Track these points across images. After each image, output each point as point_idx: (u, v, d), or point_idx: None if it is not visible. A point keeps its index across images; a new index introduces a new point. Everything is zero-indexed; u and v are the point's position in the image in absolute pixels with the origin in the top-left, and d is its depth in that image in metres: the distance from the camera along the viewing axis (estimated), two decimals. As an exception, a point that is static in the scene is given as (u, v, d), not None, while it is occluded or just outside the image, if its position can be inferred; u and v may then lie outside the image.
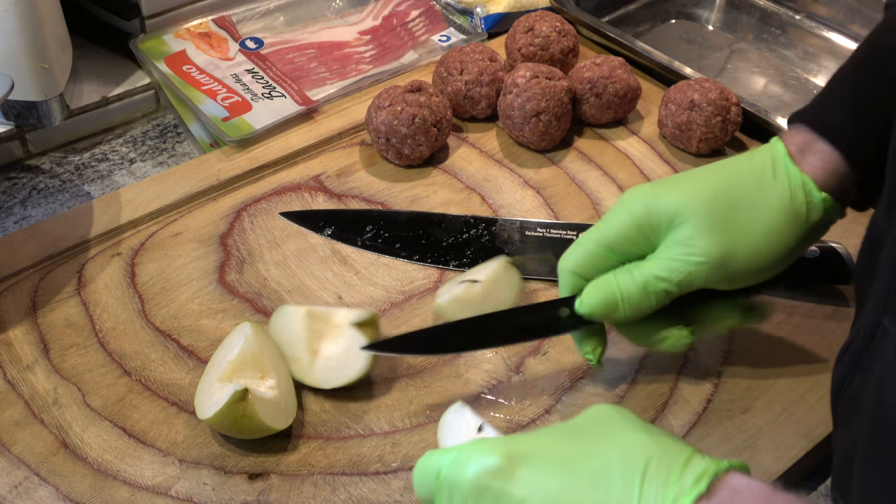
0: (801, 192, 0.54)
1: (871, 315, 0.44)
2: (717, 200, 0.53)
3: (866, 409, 0.42)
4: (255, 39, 0.94)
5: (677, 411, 0.62)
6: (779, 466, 0.59)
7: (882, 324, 0.42)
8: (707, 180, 0.55)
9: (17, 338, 0.66)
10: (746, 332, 0.67)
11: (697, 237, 0.53)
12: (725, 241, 0.53)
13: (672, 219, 0.54)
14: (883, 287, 0.43)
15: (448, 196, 0.79)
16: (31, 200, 0.81)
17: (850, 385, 0.46)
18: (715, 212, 0.53)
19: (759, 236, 0.53)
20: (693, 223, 0.53)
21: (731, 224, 0.53)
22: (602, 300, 0.54)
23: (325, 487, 0.57)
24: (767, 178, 0.54)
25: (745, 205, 0.53)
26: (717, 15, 1.08)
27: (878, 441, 0.40)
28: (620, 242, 0.55)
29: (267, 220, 0.76)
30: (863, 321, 0.46)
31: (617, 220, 0.55)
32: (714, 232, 0.53)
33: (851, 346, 0.47)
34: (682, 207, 0.53)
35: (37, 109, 0.75)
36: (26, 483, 0.57)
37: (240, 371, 0.59)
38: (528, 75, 0.81)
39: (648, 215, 0.54)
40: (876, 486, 0.40)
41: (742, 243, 0.53)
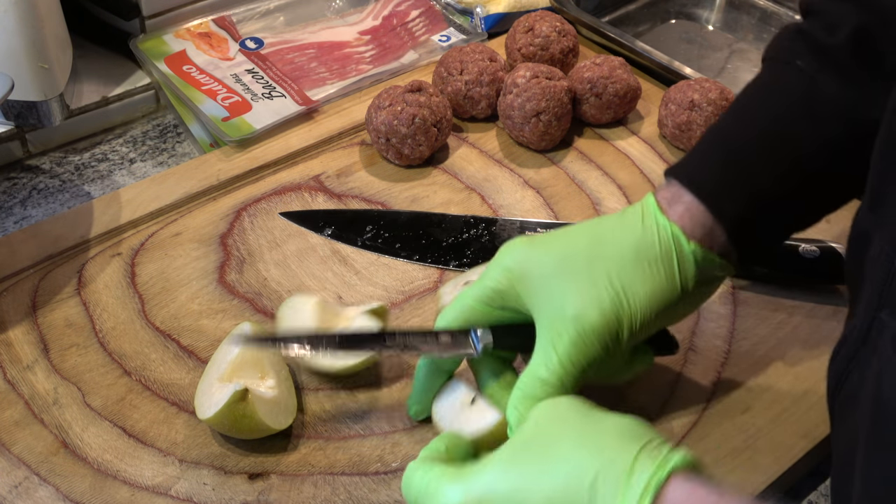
0: (668, 237, 0.53)
1: (865, 311, 0.44)
2: (592, 260, 0.52)
3: (865, 403, 0.42)
4: (255, 39, 0.94)
5: (677, 411, 0.62)
6: (779, 466, 0.59)
7: (878, 318, 0.43)
8: (577, 240, 0.54)
9: (17, 338, 0.66)
10: (746, 332, 0.68)
11: (588, 312, 0.51)
12: (612, 296, 0.51)
13: (546, 282, 0.53)
14: (876, 283, 0.43)
15: (448, 196, 0.79)
16: (31, 200, 0.81)
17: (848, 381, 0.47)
18: (592, 270, 0.52)
19: (638, 287, 0.52)
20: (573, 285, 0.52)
21: (609, 279, 0.52)
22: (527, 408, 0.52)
23: (325, 487, 0.57)
24: (636, 230, 0.53)
25: (616, 259, 0.52)
26: (717, 15, 1.08)
27: (878, 434, 0.40)
28: (497, 298, 0.54)
29: (267, 220, 0.76)
30: (857, 317, 0.46)
31: (494, 277, 0.54)
32: (596, 290, 0.51)
33: (847, 342, 0.47)
34: (556, 271, 0.52)
35: (37, 109, 0.75)
36: (26, 483, 0.57)
37: (240, 371, 0.59)
38: (528, 75, 0.81)
39: (522, 278, 0.53)
40: (878, 479, 0.40)
41: (626, 294, 0.52)
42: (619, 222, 0.54)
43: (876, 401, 0.40)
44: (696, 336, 0.67)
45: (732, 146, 0.55)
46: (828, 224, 0.76)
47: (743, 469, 0.59)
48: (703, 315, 0.69)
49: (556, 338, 0.51)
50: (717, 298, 0.70)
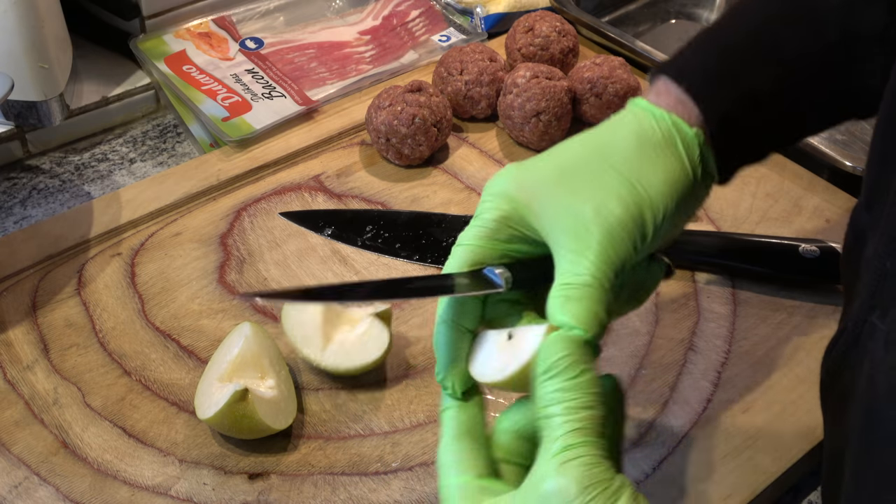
0: (667, 123, 0.49)
1: (857, 311, 0.44)
2: (590, 159, 0.48)
3: (857, 404, 0.42)
4: (255, 39, 0.94)
5: (677, 411, 0.62)
6: (779, 466, 0.59)
7: (870, 320, 0.42)
8: (571, 145, 0.49)
9: (17, 338, 0.66)
10: (746, 332, 0.68)
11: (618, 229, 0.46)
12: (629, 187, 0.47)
13: (552, 192, 0.47)
14: (869, 284, 0.43)
15: (448, 196, 0.79)
16: (31, 200, 0.81)
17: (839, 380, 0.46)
18: (596, 168, 0.47)
19: (650, 174, 0.47)
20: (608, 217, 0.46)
21: (606, 175, 0.47)
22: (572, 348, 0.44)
23: (325, 487, 0.57)
24: (628, 121, 0.49)
25: (618, 151, 0.48)
26: (716, 15, 1.08)
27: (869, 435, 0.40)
28: (500, 229, 0.48)
29: (267, 220, 0.76)
30: (850, 317, 0.45)
31: (491, 206, 0.48)
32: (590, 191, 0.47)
33: (839, 342, 0.47)
34: (560, 176, 0.47)
35: (37, 109, 0.75)
36: (26, 483, 0.57)
37: (240, 371, 0.59)
38: (528, 75, 0.81)
39: (522, 193, 0.48)
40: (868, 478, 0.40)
41: (641, 182, 0.47)
42: (609, 124, 0.50)
43: (867, 402, 0.40)
44: (696, 336, 0.67)
45: (724, 44, 0.52)
46: (828, 224, 0.76)
47: (743, 469, 0.59)
48: (703, 315, 0.69)
49: (581, 242, 0.45)
50: (717, 298, 0.70)
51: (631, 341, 0.67)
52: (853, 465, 0.41)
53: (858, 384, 0.42)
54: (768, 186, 0.80)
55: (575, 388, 0.41)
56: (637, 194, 0.46)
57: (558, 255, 0.46)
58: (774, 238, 0.72)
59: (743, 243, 0.72)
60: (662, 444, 0.60)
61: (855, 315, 0.44)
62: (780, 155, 0.82)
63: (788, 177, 0.81)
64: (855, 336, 0.44)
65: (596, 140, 0.49)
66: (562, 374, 0.41)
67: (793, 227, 0.76)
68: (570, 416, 0.41)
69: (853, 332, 0.44)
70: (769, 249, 0.71)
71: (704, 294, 0.70)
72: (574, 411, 0.41)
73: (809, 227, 0.76)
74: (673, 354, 0.66)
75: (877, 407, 0.39)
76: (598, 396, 0.42)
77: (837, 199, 0.78)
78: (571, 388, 0.41)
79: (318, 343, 0.62)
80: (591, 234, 0.45)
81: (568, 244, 0.46)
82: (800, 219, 0.77)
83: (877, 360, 0.40)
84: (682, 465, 0.59)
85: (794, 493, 0.62)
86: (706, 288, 0.71)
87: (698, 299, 0.70)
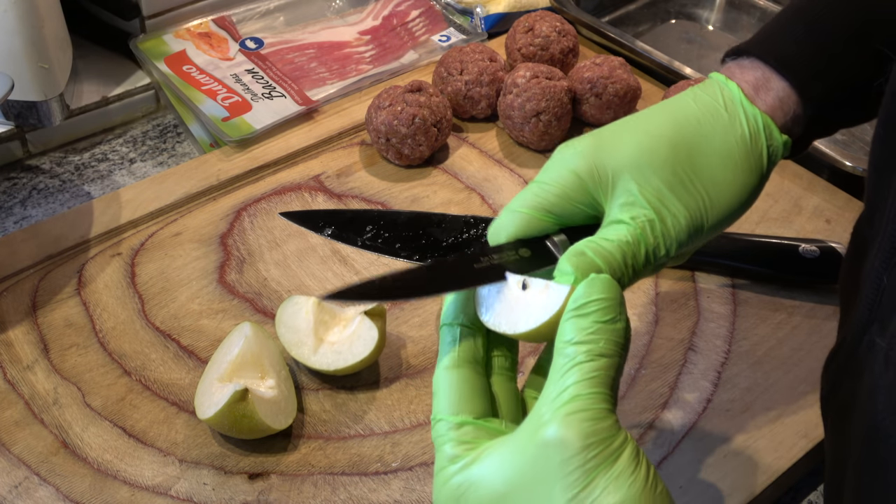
0: (761, 135, 0.47)
1: (857, 324, 0.43)
2: (678, 150, 0.46)
3: (859, 417, 0.41)
4: (255, 39, 0.94)
5: (677, 411, 0.62)
6: (779, 466, 0.59)
7: (869, 333, 0.42)
8: (657, 128, 0.48)
9: (17, 338, 0.66)
10: (746, 332, 0.67)
11: (669, 196, 0.45)
12: (695, 199, 0.46)
13: (625, 175, 0.46)
14: (868, 297, 0.42)
15: (448, 196, 0.79)
16: (31, 200, 0.81)
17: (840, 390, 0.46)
18: (678, 165, 0.46)
19: (726, 190, 0.47)
20: (660, 178, 0.46)
21: (697, 179, 0.46)
22: (584, 269, 0.43)
23: (325, 487, 0.57)
24: (724, 122, 0.47)
25: (706, 154, 0.47)
26: (717, 15, 1.08)
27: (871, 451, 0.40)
28: (561, 204, 0.46)
29: (267, 220, 0.76)
30: (849, 329, 0.45)
31: (557, 179, 0.46)
32: (684, 190, 0.46)
33: (839, 353, 0.46)
34: (638, 162, 0.46)
35: (37, 109, 0.75)
36: (26, 483, 0.57)
37: (240, 371, 0.59)
38: (528, 75, 0.81)
39: (595, 173, 0.46)
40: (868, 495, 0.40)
41: (711, 197, 0.47)
42: (699, 110, 0.48)
43: (869, 417, 0.40)
44: (696, 336, 0.67)
45: (815, 25, 0.49)
46: (828, 224, 0.76)
47: (743, 469, 0.59)
48: (703, 315, 0.69)
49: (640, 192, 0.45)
50: (717, 298, 0.70)
51: (631, 341, 0.67)
52: (855, 479, 0.41)
53: (859, 397, 0.42)
54: (768, 186, 0.79)
55: (604, 332, 0.40)
56: (703, 207, 0.46)
57: (606, 222, 0.46)
58: (774, 238, 0.72)
59: (743, 243, 0.72)
60: (662, 444, 0.60)
61: (854, 328, 0.44)
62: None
63: (788, 177, 0.81)
64: (854, 348, 0.43)
65: (683, 128, 0.47)
66: (594, 314, 0.40)
67: (793, 227, 0.76)
68: (589, 362, 0.39)
69: (852, 344, 0.44)
70: (769, 249, 0.71)
71: (704, 294, 0.70)
72: (594, 356, 0.39)
73: (809, 227, 0.76)
74: (673, 354, 0.66)
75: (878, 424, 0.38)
76: (623, 349, 0.40)
77: (837, 199, 0.78)
78: (600, 332, 0.40)
79: (311, 345, 0.62)
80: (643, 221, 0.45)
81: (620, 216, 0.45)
82: (800, 219, 0.77)
83: (876, 375, 0.40)
84: (682, 465, 0.59)
85: (793, 493, 0.62)
86: (706, 288, 0.71)
87: (698, 299, 0.70)
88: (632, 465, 0.38)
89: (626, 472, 0.38)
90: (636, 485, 0.38)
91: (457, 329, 0.45)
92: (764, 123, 0.48)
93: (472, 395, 0.43)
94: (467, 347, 0.45)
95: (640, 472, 0.38)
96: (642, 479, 0.38)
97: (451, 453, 0.41)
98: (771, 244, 0.71)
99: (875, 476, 0.39)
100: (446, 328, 0.46)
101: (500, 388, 0.46)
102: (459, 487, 0.40)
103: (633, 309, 0.69)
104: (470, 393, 0.43)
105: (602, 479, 0.38)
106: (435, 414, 0.43)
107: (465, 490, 0.40)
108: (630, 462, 0.38)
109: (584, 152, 0.46)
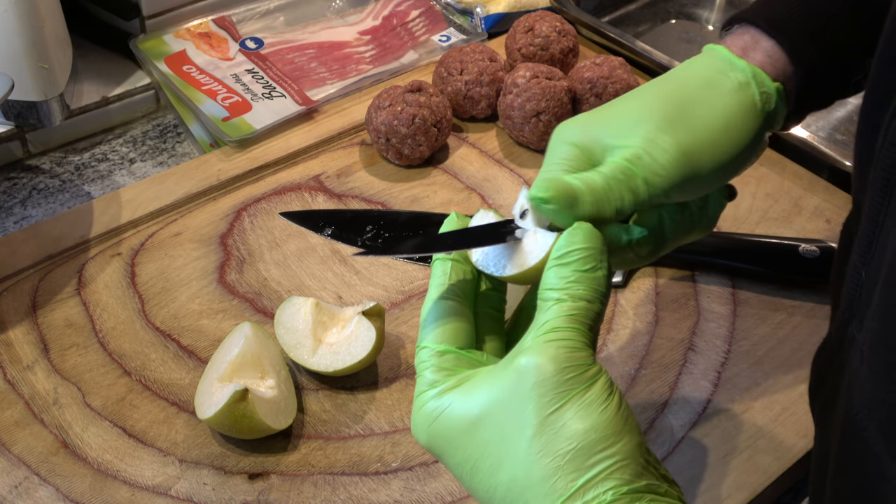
0: (752, 82, 0.49)
1: (839, 320, 0.44)
2: (668, 102, 0.48)
3: (838, 412, 0.42)
4: (255, 39, 0.94)
5: (677, 411, 0.62)
6: (779, 466, 0.59)
7: (849, 329, 0.42)
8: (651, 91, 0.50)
9: (17, 338, 0.66)
10: (746, 332, 0.68)
11: (657, 134, 0.46)
12: (686, 135, 0.47)
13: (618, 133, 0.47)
14: (848, 292, 0.42)
15: (448, 196, 0.79)
16: (31, 200, 0.81)
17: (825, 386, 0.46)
18: (667, 112, 0.47)
19: (719, 130, 0.48)
20: (649, 124, 0.47)
21: (688, 120, 0.47)
22: (560, 189, 0.44)
23: (325, 487, 0.57)
24: (714, 75, 0.49)
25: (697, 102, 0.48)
26: (717, 15, 1.08)
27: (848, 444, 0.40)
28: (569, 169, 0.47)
29: (267, 220, 0.76)
30: (834, 324, 0.45)
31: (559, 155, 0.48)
32: (673, 128, 0.47)
33: (824, 349, 0.47)
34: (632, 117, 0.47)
35: (37, 109, 0.75)
36: (26, 483, 0.57)
37: (240, 371, 0.59)
38: (528, 75, 0.81)
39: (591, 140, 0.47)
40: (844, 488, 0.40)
41: (703, 137, 0.47)
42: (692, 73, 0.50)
43: (847, 411, 0.40)
44: (696, 336, 0.67)
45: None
46: (828, 224, 0.76)
47: (743, 469, 0.59)
48: (703, 315, 0.69)
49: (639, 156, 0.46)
50: (717, 298, 0.70)
51: (631, 341, 0.67)
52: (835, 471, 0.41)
53: (841, 392, 0.42)
54: (768, 186, 0.80)
55: (584, 280, 0.41)
56: (696, 144, 0.47)
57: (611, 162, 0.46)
58: (774, 238, 0.72)
59: (743, 243, 0.72)
60: (662, 444, 0.60)
61: (837, 322, 0.44)
62: (780, 155, 0.82)
63: (788, 177, 0.81)
64: (838, 343, 0.44)
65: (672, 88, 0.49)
66: (576, 263, 0.41)
67: (793, 227, 0.76)
68: (568, 302, 0.40)
69: (836, 338, 0.44)
70: (769, 249, 0.71)
71: (704, 294, 0.70)
72: (574, 299, 0.40)
73: (809, 227, 0.76)
74: (673, 354, 0.66)
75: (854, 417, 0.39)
76: (602, 297, 0.41)
77: (837, 199, 0.78)
78: (580, 280, 0.41)
79: (309, 346, 0.62)
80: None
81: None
82: (800, 219, 0.77)
83: (854, 370, 0.40)
84: (682, 465, 0.59)
85: (793, 493, 0.62)
86: (706, 288, 0.71)
87: (698, 299, 0.70)
88: (604, 394, 0.39)
89: (599, 400, 0.39)
90: (607, 412, 0.39)
91: (448, 264, 0.46)
92: (753, 72, 0.49)
93: (458, 326, 0.44)
94: (457, 281, 0.46)
95: (612, 401, 0.39)
96: (614, 408, 0.39)
97: (431, 378, 0.42)
98: (771, 244, 0.72)
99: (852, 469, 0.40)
100: (438, 262, 0.47)
101: (485, 324, 0.47)
102: (435, 410, 0.41)
103: (634, 309, 0.69)
104: (455, 324, 0.44)
105: (574, 405, 0.38)
106: (419, 341, 0.44)
107: (441, 413, 0.41)
108: (603, 391, 0.39)
109: (580, 123, 0.48)
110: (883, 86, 0.40)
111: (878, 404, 0.37)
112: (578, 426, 0.38)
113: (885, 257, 0.37)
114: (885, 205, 0.38)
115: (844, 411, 0.40)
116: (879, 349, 0.37)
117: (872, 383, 0.37)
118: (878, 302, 0.37)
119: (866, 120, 0.43)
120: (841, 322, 0.43)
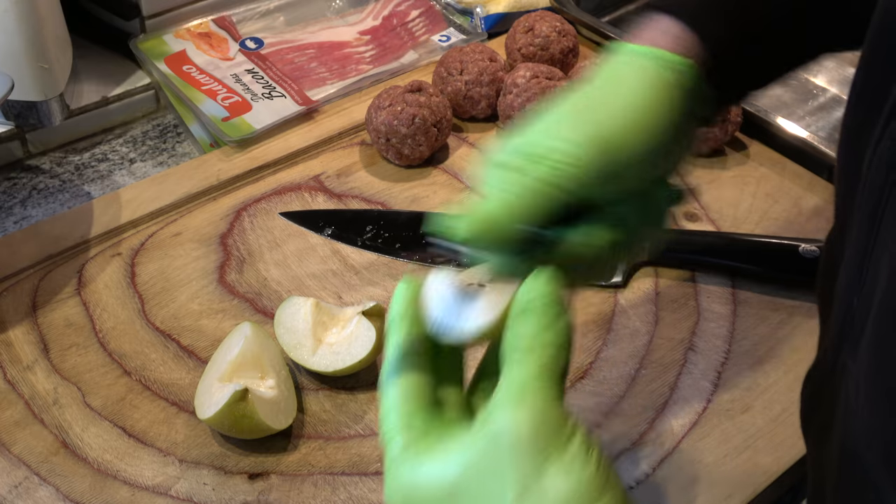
0: (656, 63, 0.47)
1: (831, 343, 0.43)
2: (577, 101, 0.46)
3: (836, 440, 0.41)
4: (255, 39, 0.94)
5: (677, 411, 0.62)
6: (779, 466, 0.59)
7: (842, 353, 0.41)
8: (562, 100, 0.48)
9: (17, 338, 0.66)
10: (746, 332, 0.68)
11: (569, 132, 0.45)
12: (596, 125, 0.45)
13: (539, 139, 0.46)
14: (838, 317, 0.42)
15: (448, 196, 0.79)
16: (31, 200, 0.81)
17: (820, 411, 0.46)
18: (576, 109, 0.46)
19: (629, 110, 0.46)
20: (561, 125, 0.45)
21: (596, 110, 0.46)
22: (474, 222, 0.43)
23: (325, 487, 0.57)
24: (619, 67, 0.48)
25: (604, 93, 0.47)
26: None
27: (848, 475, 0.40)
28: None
29: (267, 220, 0.76)
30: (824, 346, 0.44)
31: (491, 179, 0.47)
32: (583, 121, 0.45)
33: (817, 371, 0.46)
34: (547, 124, 0.46)
35: (37, 109, 0.75)
36: (26, 483, 0.57)
37: (240, 371, 0.59)
38: (528, 75, 0.81)
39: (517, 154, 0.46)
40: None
41: (615, 122, 0.45)
42: (597, 76, 0.48)
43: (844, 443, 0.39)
44: (696, 336, 0.67)
45: None
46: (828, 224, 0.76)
47: (743, 469, 0.59)
48: (703, 315, 0.69)
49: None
50: (717, 298, 0.70)
51: (631, 341, 0.67)
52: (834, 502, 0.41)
53: (836, 420, 0.42)
54: (768, 186, 0.80)
55: (548, 328, 0.40)
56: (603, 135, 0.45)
57: None
58: (774, 238, 0.72)
59: (743, 243, 0.72)
60: (662, 444, 0.60)
61: (828, 345, 0.43)
62: (780, 155, 0.82)
63: (788, 177, 0.81)
64: (831, 366, 0.43)
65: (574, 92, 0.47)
66: (539, 312, 0.40)
67: (793, 227, 0.76)
68: (535, 353, 0.39)
69: (829, 362, 0.43)
70: (769, 249, 0.71)
71: (704, 294, 0.70)
72: (539, 354, 0.39)
73: (809, 227, 0.76)
74: (673, 354, 0.66)
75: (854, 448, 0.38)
76: (568, 343, 0.40)
77: (837, 199, 0.78)
78: (544, 328, 0.40)
79: (309, 346, 0.62)
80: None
81: None
82: (800, 219, 0.77)
83: (848, 399, 0.39)
84: (682, 465, 0.59)
85: (793, 493, 0.62)
86: (706, 288, 0.71)
87: (698, 299, 0.70)
88: (583, 448, 0.38)
89: (578, 458, 0.37)
90: (589, 468, 0.37)
91: (405, 327, 0.44)
92: (654, 53, 0.47)
93: (421, 384, 0.43)
94: (413, 349, 0.44)
95: (591, 457, 0.38)
96: (594, 465, 0.37)
97: (403, 442, 0.41)
98: (771, 244, 0.71)
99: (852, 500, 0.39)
100: (394, 325, 0.44)
101: (447, 376, 0.45)
102: (411, 477, 0.39)
103: (634, 309, 0.69)
104: (419, 382, 0.43)
105: (554, 465, 0.37)
106: (384, 403, 0.42)
107: (416, 480, 0.39)
108: (581, 446, 0.38)
109: (504, 143, 0.47)
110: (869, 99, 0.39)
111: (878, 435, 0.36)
112: (562, 487, 0.37)
113: (876, 286, 0.36)
114: (873, 232, 0.37)
115: (841, 441, 0.40)
116: (876, 379, 0.36)
117: (870, 413, 0.36)
118: (873, 332, 0.36)
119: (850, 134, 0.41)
120: (832, 345, 0.43)
